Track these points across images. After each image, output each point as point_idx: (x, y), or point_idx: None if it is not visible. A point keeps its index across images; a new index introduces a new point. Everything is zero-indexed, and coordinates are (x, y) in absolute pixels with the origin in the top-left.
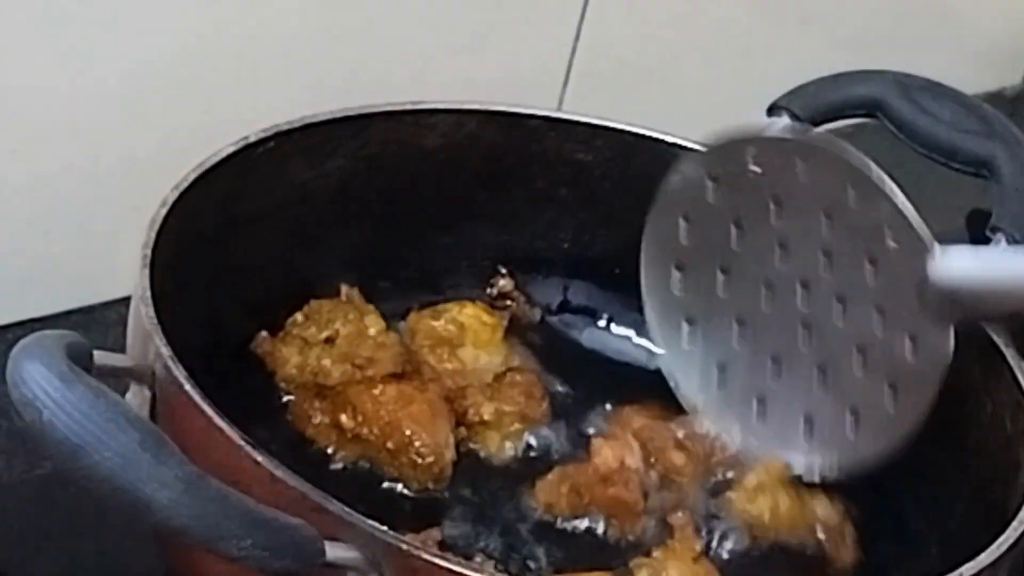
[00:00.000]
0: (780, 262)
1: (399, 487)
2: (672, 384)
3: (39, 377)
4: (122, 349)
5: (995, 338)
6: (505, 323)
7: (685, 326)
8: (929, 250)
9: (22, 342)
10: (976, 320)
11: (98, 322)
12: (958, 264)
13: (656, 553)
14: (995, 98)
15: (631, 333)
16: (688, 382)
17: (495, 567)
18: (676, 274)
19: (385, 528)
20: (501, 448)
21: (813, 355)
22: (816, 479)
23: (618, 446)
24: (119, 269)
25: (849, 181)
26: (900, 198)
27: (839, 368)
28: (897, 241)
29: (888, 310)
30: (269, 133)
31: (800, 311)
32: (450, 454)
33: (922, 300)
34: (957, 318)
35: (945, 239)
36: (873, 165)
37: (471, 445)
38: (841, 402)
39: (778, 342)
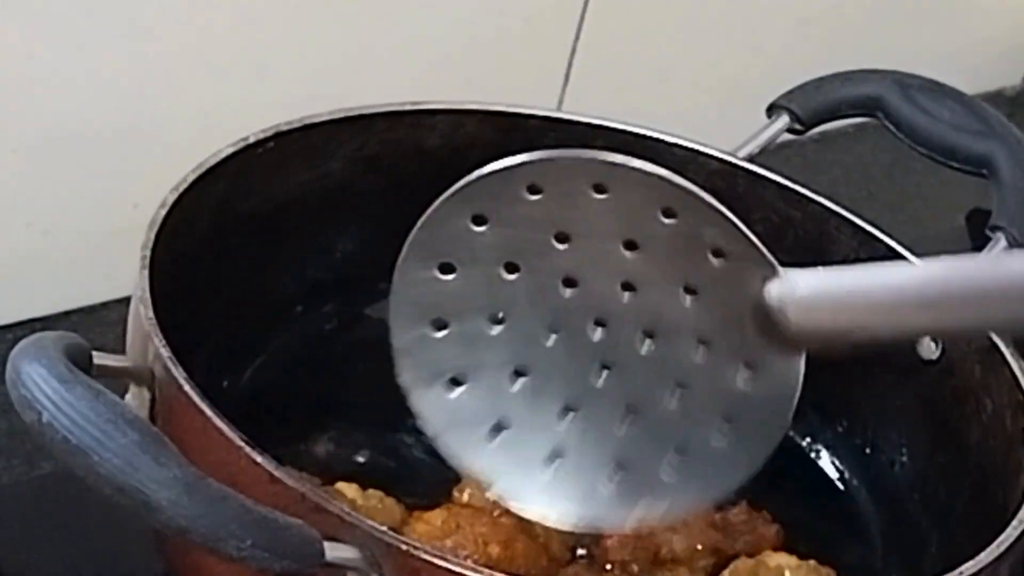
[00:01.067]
0: (568, 301)
1: None
2: (448, 456)
3: (38, 378)
4: (122, 349)
5: (995, 338)
6: None
7: (453, 388)
8: (769, 273)
9: (21, 343)
10: (826, 346)
11: (98, 322)
12: (803, 287)
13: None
14: (995, 98)
15: None
16: (465, 449)
17: None
18: (434, 331)
19: (385, 528)
20: None
21: (618, 398)
22: (629, 530)
23: None
24: (119, 269)
25: (659, 204)
26: (732, 219)
27: (654, 408)
28: (726, 266)
29: (714, 340)
30: (269, 134)
31: (597, 352)
32: None
33: (761, 327)
34: (804, 344)
35: (945, 239)
36: (694, 187)
37: None
38: (660, 444)
39: (572, 390)
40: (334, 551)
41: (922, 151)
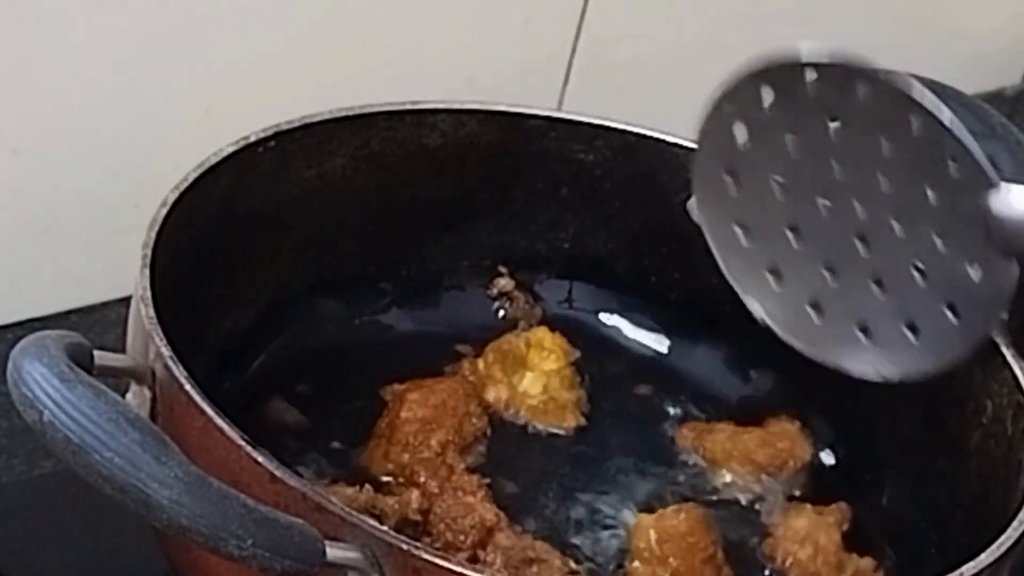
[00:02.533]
0: (837, 176)
1: None
2: (736, 287)
3: (39, 377)
4: (122, 349)
5: (996, 339)
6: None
7: (738, 230)
8: (993, 186)
9: (22, 342)
10: None
11: (98, 322)
12: (1016, 203)
13: None
14: (995, 98)
15: (628, 329)
16: (746, 286)
17: None
18: (728, 179)
19: (385, 528)
20: None
21: (869, 267)
22: (878, 379)
23: None
24: (119, 269)
25: (911, 112)
26: (966, 136)
27: (896, 282)
28: (960, 174)
29: (948, 236)
30: (270, 132)
31: (857, 224)
32: None
33: (986, 232)
34: (1014, 254)
35: None
36: (937, 101)
37: None
38: (898, 315)
39: (833, 251)
40: (335, 551)
41: None
